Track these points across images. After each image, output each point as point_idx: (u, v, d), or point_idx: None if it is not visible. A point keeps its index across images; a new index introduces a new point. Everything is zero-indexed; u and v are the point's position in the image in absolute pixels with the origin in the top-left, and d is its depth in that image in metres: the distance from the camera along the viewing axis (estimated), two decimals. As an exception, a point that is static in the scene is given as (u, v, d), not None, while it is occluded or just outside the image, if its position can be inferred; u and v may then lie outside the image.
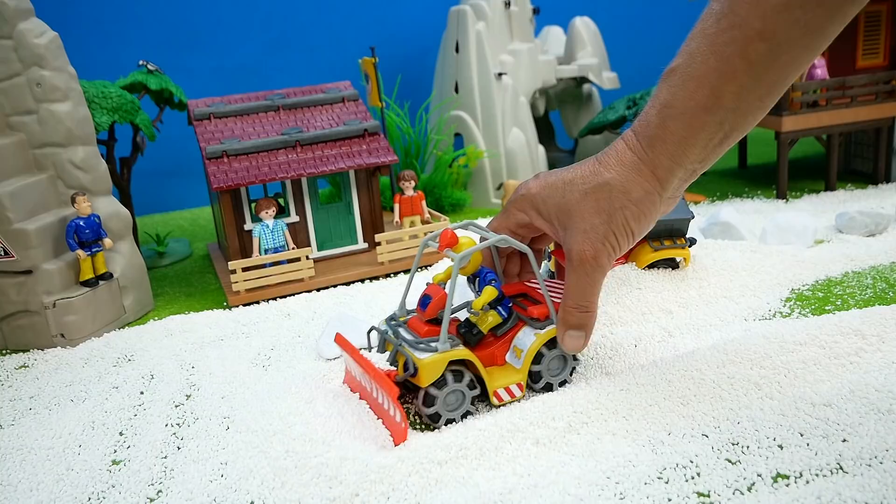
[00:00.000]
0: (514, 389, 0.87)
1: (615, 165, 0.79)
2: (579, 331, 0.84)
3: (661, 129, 0.76)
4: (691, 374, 0.87)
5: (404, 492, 0.73)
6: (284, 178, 1.38)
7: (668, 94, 0.75)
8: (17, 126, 1.26)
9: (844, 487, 0.68)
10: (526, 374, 0.87)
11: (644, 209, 0.79)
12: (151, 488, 0.80)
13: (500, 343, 0.89)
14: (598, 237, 0.79)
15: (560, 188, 0.82)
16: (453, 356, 0.82)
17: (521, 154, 1.90)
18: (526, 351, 0.86)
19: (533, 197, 0.85)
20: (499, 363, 0.89)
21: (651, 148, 0.77)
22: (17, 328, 1.23)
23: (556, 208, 0.82)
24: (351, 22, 2.28)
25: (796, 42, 0.67)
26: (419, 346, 0.83)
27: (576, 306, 0.83)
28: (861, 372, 0.88)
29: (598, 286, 0.82)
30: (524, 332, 0.88)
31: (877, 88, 1.71)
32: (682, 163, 0.76)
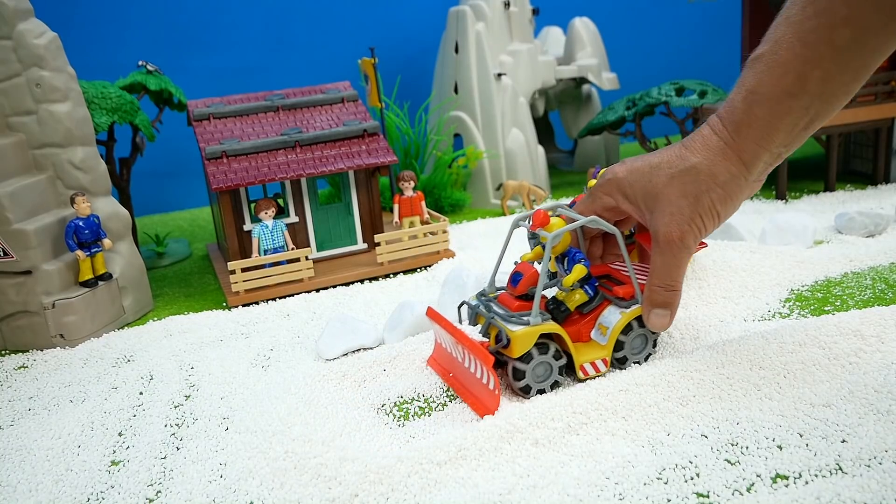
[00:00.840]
0: (600, 364, 0.91)
1: (701, 150, 0.82)
2: (665, 309, 0.87)
3: (746, 114, 0.78)
4: (690, 375, 0.87)
5: (403, 492, 0.73)
6: (284, 178, 1.38)
7: (754, 81, 0.77)
8: (16, 126, 1.26)
9: (844, 488, 0.68)
10: (611, 351, 0.91)
11: (730, 192, 0.81)
12: (151, 489, 0.80)
13: (586, 321, 0.93)
14: (684, 219, 0.82)
15: (647, 172, 0.85)
16: (544, 330, 0.86)
17: (521, 154, 1.90)
18: (612, 328, 0.90)
19: (620, 181, 0.88)
20: (584, 339, 0.93)
21: (737, 133, 0.79)
22: (17, 328, 1.23)
23: (643, 192, 0.85)
24: (350, 22, 2.28)
25: (881, 27, 0.69)
26: (511, 319, 0.87)
27: (662, 285, 0.86)
28: (860, 373, 0.88)
29: (684, 266, 0.85)
30: (609, 311, 0.92)
31: (876, 89, 1.71)
32: (768, 147, 0.78)
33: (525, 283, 0.89)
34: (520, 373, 0.87)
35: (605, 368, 0.91)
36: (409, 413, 0.91)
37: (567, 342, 0.89)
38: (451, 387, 0.93)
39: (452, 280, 1.17)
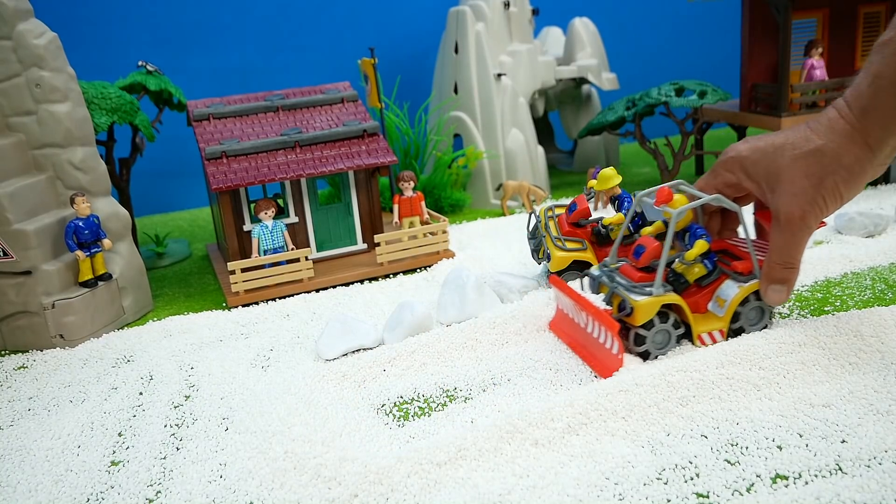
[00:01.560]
0: (717, 335, 0.96)
1: (827, 133, 0.84)
2: (782, 285, 0.91)
3: (873, 98, 0.80)
4: (690, 375, 0.87)
5: (403, 492, 0.74)
6: (284, 178, 1.38)
7: (880, 66, 0.78)
8: (16, 127, 1.26)
9: (843, 488, 0.68)
10: (728, 322, 0.95)
11: (855, 174, 0.84)
12: (150, 489, 0.80)
13: (703, 293, 0.98)
14: (806, 199, 0.85)
15: (770, 152, 0.88)
16: (665, 300, 0.92)
17: (521, 155, 1.90)
18: (729, 301, 0.94)
19: (743, 159, 0.92)
20: (701, 311, 0.98)
21: (863, 117, 0.81)
22: (17, 329, 1.23)
23: (765, 171, 0.89)
24: (350, 23, 2.28)
25: None
26: (634, 289, 0.93)
27: (781, 262, 0.90)
28: (860, 373, 0.88)
29: (803, 245, 0.88)
30: (727, 285, 0.96)
31: (876, 89, 1.71)
32: (894, 131, 0.80)
33: (647, 255, 0.95)
34: (641, 338, 0.93)
35: (721, 339, 0.96)
36: (409, 413, 0.91)
37: (686, 312, 0.94)
38: (573, 349, 1.00)
39: (452, 280, 1.17)
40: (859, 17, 1.78)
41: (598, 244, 1.20)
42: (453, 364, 1.02)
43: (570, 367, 0.98)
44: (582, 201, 1.20)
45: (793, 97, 1.69)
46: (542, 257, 1.22)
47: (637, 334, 0.93)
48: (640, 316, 0.91)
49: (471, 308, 1.13)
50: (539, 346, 1.04)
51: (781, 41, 1.66)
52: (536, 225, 1.23)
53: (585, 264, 1.18)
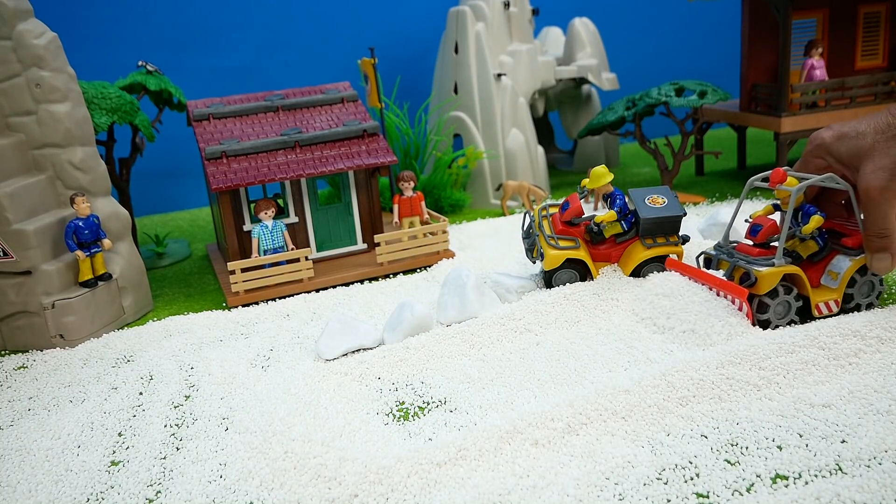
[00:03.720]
0: (832, 305, 1.02)
1: None
2: (884, 253, 0.99)
3: None
4: (690, 375, 0.87)
5: (403, 493, 0.74)
6: (284, 178, 1.38)
7: None
8: (16, 127, 1.26)
9: (843, 488, 0.68)
10: (842, 294, 1.02)
11: None
12: (150, 489, 0.80)
13: (815, 268, 1.04)
14: (885, 175, 0.93)
15: (853, 136, 0.98)
16: (787, 271, 0.99)
17: (521, 155, 1.90)
18: (842, 273, 1.01)
19: (828, 145, 1.01)
20: (815, 285, 1.04)
21: None
22: (16, 329, 1.23)
23: (849, 153, 0.98)
24: (350, 22, 2.28)
25: None
26: (757, 261, 1.00)
27: (874, 233, 0.98)
28: (860, 373, 0.88)
29: (890, 214, 0.96)
30: (839, 259, 1.03)
31: (876, 89, 1.71)
32: None
33: (765, 232, 1.03)
34: (765, 306, 0.99)
35: (836, 308, 1.02)
36: (409, 413, 0.91)
37: (805, 283, 1.00)
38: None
39: (452, 280, 1.17)
40: (859, 17, 1.78)
41: (591, 242, 1.21)
42: (453, 364, 1.02)
43: (570, 366, 0.98)
44: (574, 200, 1.20)
45: (793, 97, 1.69)
46: (535, 256, 1.22)
47: (761, 303, 0.99)
48: (765, 285, 0.98)
49: (471, 308, 1.13)
50: (539, 346, 1.04)
51: (781, 41, 1.66)
52: (530, 224, 1.23)
53: (579, 262, 1.18)
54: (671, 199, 1.17)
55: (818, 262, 1.05)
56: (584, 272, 1.19)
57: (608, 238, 1.21)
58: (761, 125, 1.76)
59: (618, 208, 1.18)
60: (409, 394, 0.95)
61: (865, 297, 1.04)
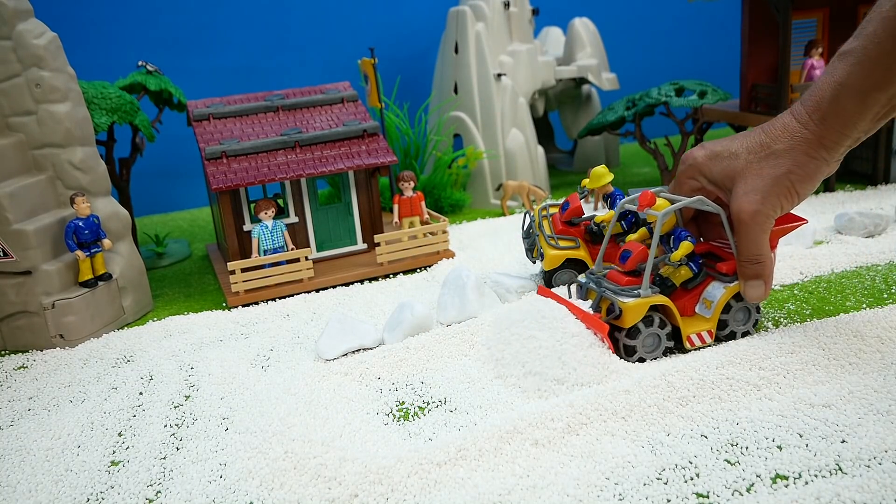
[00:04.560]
0: (705, 336, 0.97)
1: (783, 138, 0.87)
2: (757, 280, 0.93)
3: (834, 105, 0.83)
4: (690, 375, 0.87)
5: (403, 493, 0.74)
6: (284, 178, 1.38)
7: (844, 74, 0.81)
8: (16, 127, 1.26)
9: (843, 488, 0.68)
10: (716, 323, 0.97)
11: (810, 173, 0.87)
12: (150, 489, 0.80)
13: (690, 296, 0.99)
14: (757, 197, 0.88)
15: (727, 157, 0.92)
16: (654, 301, 0.93)
17: (521, 155, 1.90)
18: (716, 302, 0.96)
19: (700, 165, 0.95)
20: (688, 314, 0.99)
21: (822, 122, 0.84)
22: (16, 329, 1.23)
23: (722, 174, 0.93)
24: (350, 23, 2.28)
25: None
26: (623, 292, 0.94)
27: (748, 259, 0.92)
28: (860, 373, 0.88)
29: (762, 240, 0.91)
30: (713, 286, 0.98)
31: (876, 89, 1.71)
32: (851, 134, 0.84)
33: (634, 259, 0.96)
34: (635, 332, 0.93)
35: (710, 340, 0.97)
36: (409, 413, 0.91)
37: (675, 314, 0.95)
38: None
39: (452, 280, 1.17)
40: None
41: (591, 242, 1.21)
42: (453, 364, 1.02)
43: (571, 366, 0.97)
44: (574, 200, 1.20)
45: (793, 97, 1.69)
46: (535, 256, 1.22)
47: (630, 332, 0.94)
48: (630, 318, 0.92)
49: (471, 308, 1.13)
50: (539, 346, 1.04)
51: (781, 41, 1.66)
52: (530, 224, 1.23)
53: (579, 262, 1.19)
54: None
55: (693, 290, 0.99)
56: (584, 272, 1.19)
57: None
58: (761, 125, 1.76)
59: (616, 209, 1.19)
60: (409, 394, 0.95)
61: (742, 324, 0.99)
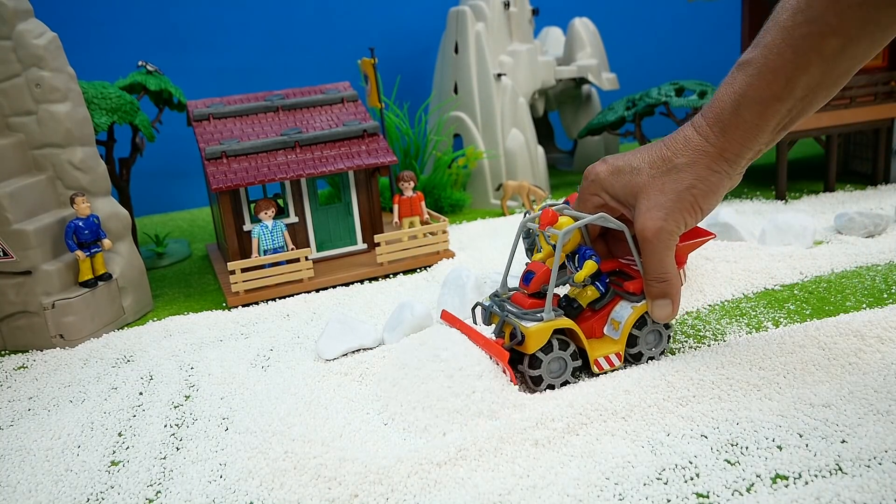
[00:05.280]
0: (613, 359, 0.93)
1: (684, 152, 0.85)
2: (664, 299, 0.90)
3: (734, 116, 0.81)
4: (690, 375, 0.87)
5: (403, 493, 0.74)
6: (284, 178, 1.38)
7: (744, 84, 0.80)
8: (16, 127, 1.26)
9: (843, 488, 0.68)
10: (624, 345, 0.93)
11: (712, 187, 0.84)
12: (150, 489, 0.80)
13: (598, 317, 0.95)
14: (660, 214, 0.85)
15: (628, 172, 0.89)
16: (557, 325, 0.88)
17: (521, 155, 1.90)
18: (623, 322, 0.92)
19: (602, 181, 0.91)
20: (597, 335, 0.95)
21: (723, 134, 0.82)
22: (16, 329, 1.23)
23: (624, 190, 0.89)
24: (350, 22, 2.28)
25: (865, 38, 0.73)
26: (525, 316, 0.89)
27: (653, 278, 0.89)
28: (860, 373, 0.88)
29: (667, 257, 0.87)
30: (621, 306, 0.94)
31: (876, 89, 1.71)
32: (752, 146, 0.82)
33: (537, 281, 0.91)
34: (537, 361, 0.89)
35: (618, 363, 0.93)
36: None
37: (580, 337, 0.91)
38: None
39: (452, 280, 1.17)
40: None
41: None
42: (453, 364, 1.02)
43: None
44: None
45: (793, 97, 1.69)
46: None
47: (534, 356, 0.89)
48: (532, 343, 0.87)
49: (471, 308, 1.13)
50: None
51: (781, 41, 1.65)
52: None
53: None
54: None
55: (601, 310, 0.95)
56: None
57: None
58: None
59: None
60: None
61: (652, 347, 0.95)
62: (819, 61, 0.75)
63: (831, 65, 0.75)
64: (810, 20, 0.74)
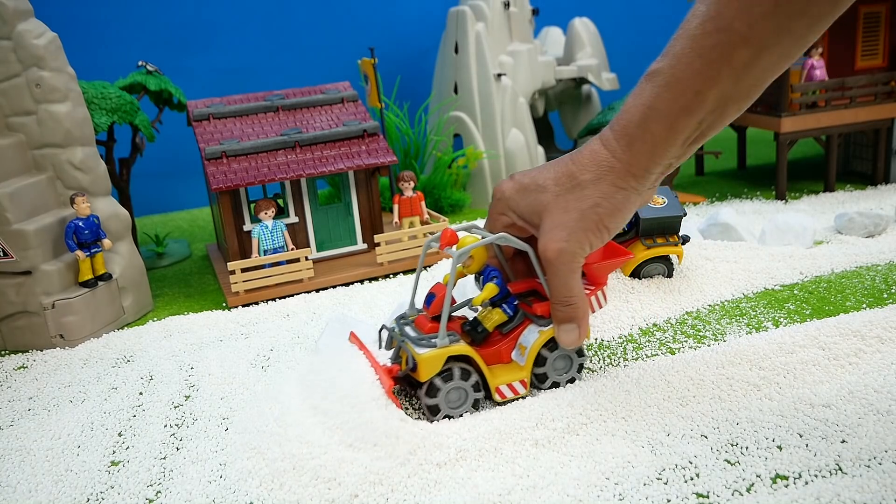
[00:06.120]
0: (518, 386, 0.87)
1: (590, 166, 0.79)
2: (570, 324, 0.84)
3: (642, 129, 0.75)
4: (690, 376, 0.87)
5: (403, 493, 0.74)
6: (284, 178, 1.38)
7: (652, 96, 0.74)
8: (16, 127, 1.26)
9: (843, 488, 0.68)
10: (529, 372, 0.87)
11: (618, 205, 0.79)
12: (150, 489, 0.80)
13: (507, 341, 0.90)
14: (562, 235, 0.80)
15: (533, 190, 0.83)
16: (452, 352, 0.83)
17: (521, 155, 1.90)
18: (529, 348, 0.87)
19: (508, 199, 0.86)
20: (505, 361, 0.90)
21: (630, 148, 0.77)
22: (16, 329, 1.23)
23: (529, 208, 0.83)
24: (350, 22, 2.28)
25: (777, 48, 0.68)
26: (421, 342, 0.84)
27: (558, 301, 0.84)
28: (860, 373, 0.88)
29: (572, 280, 0.82)
30: (529, 330, 0.89)
31: (876, 89, 1.71)
32: (661, 161, 0.77)
33: (438, 303, 0.86)
34: (434, 389, 0.83)
35: (524, 391, 0.87)
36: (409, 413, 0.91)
37: (480, 363, 0.85)
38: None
39: (452, 280, 1.17)
40: (859, 17, 1.78)
41: None
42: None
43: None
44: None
45: (793, 97, 1.69)
46: None
47: (432, 383, 0.83)
48: (424, 371, 0.82)
49: (471, 308, 1.13)
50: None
51: (781, 41, 1.65)
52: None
53: None
54: (671, 199, 1.17)
55: (510, 334, 0.90)
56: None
57: None
58: (761, 125, 1.76)
59: None
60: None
61: (561, 372, 0.90)
62: (729, 72, 0.69)
63: (742, 76, 0.70)
64: (720, 29, 0.68)
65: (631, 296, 1.14)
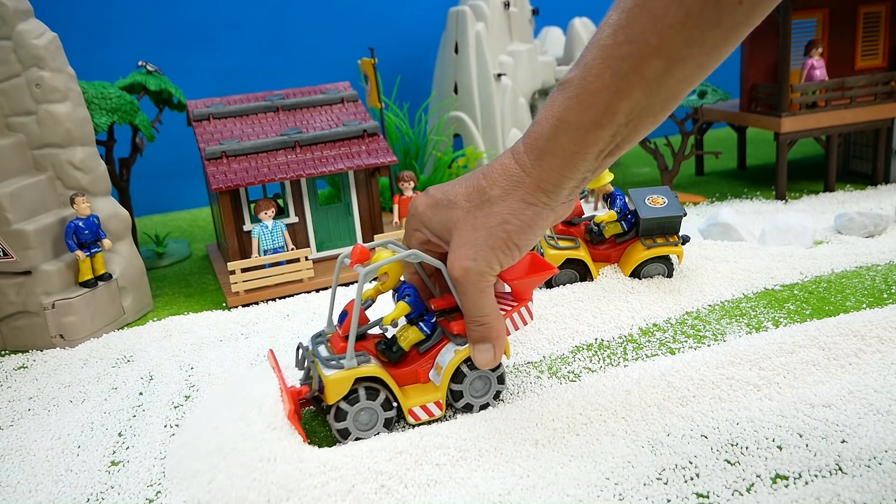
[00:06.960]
0: (432, 408, 0.84)
1: (500, 181, 0.76)
2: (485, 344, 0.82)
3: (552, 142, 0.72)
4: (690, 376, 0.87)
5: (403, 493, 0.74)
6: (284, 178, 1.38)
7: (563, 108, 0.71)
8: (16, 127, 1.26)
9: (843, 488, 0.68)
10: (444, 392, 0.85)
11: (528, 222, 0.76)
12: (150, 489, 0.80)
13: (425, 360, 0.87)
14: (469, 253, 0.77)
15: (445, 205, 0.80)
16: (360, 373, 0.80)
17: (521, 155, 1.90)
18: (444, 367, 0.84)
19: (421, 215, 0.83)
20: (423, 381, 0.87)
21: (539, 162, 0.73)
22: (16, 329, 1.23)
23: (441, 225, 0.81)
24: (350, 22, 2.28)
25: (691, 60, 0.65)
26: (330, 362, 0.81)
27: (471, 321, 0.81)
28: (860, 373, 0.88)
29: (483, 299, 0.80)
30: (446, 349, 0.85)
31: (876, 89, 1.71)
32: (572, 176, 0.73)
33: (348, 322, 0.84)
34: (342, 413, 0.81)
35: (439, 412, 0.85)
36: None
37: (391, 385, 0.82)
38: None
39: (452, 280, 1.17)
40: (859, 17, 1.78)
41: (591, 242, 1.21)
42: (453, 364, 1.02)
43: (570, 366, 0.98)
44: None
45: (793, 97, 1.69)
46: None
47: (338, 407, 0.80)
48: (331, 393, 0.79)
49: (471, 308, 1.13)
50: (537, 346, 1.04)
51: (781, 41, 1.66)
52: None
53: (579, 262, 1.18)
54: (671, 200, 1.18)
55: (427, 353, 0.87)
56: (584, 272, 1.19)
57: (608, 238, 1.21)
58: (761, 125, 1.76)
59: (618, 208, 1.19)
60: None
61: (478, 395, 0.87)
62: (642, 84, 0.66)
63: (655, 88, 0.66)
64: (631, 40, 0.64)
65: (631, 296, 1.14)
